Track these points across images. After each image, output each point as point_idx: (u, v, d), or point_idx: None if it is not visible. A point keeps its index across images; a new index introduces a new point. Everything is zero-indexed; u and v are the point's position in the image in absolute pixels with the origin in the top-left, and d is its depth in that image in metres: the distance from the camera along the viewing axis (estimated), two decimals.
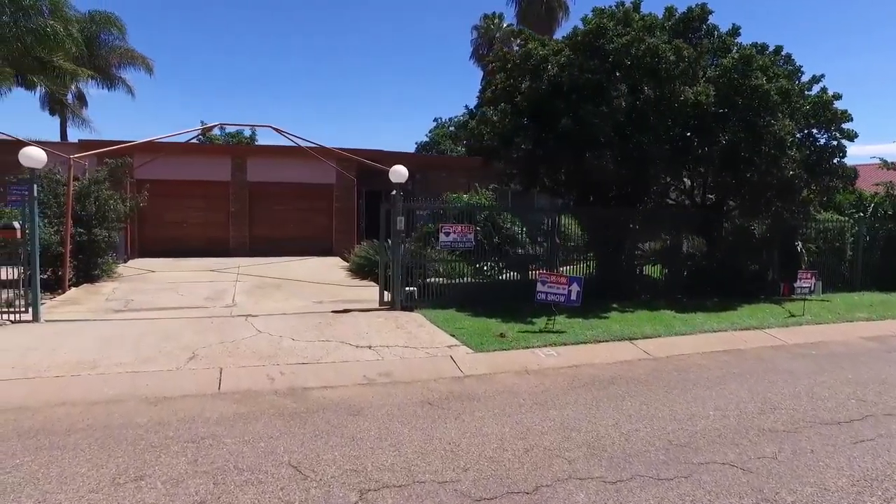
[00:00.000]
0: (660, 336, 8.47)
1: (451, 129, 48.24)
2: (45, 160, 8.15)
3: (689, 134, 10.92)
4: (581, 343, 7.92)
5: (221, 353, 6.75)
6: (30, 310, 8.10)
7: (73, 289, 10.77)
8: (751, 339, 8.55)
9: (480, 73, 37.84)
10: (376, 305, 9.72)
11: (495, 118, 10.76)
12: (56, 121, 32.11)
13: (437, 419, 5.01)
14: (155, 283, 11.90)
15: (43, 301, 9.27)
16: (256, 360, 6.50)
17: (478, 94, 37.31)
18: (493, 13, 37.58)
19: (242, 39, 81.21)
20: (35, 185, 8.04)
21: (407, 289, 9.62)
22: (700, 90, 9.87)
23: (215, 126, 12.68)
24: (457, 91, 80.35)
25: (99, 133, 30.74)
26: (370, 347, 7.24)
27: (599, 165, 9.91)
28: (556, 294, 8.47)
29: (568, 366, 7.01)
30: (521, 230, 12.09)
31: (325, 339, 7.52)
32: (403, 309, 9.51)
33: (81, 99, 32.45)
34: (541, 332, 8.34)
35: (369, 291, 11.44)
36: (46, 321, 8.12)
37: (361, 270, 13.39)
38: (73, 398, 5.26)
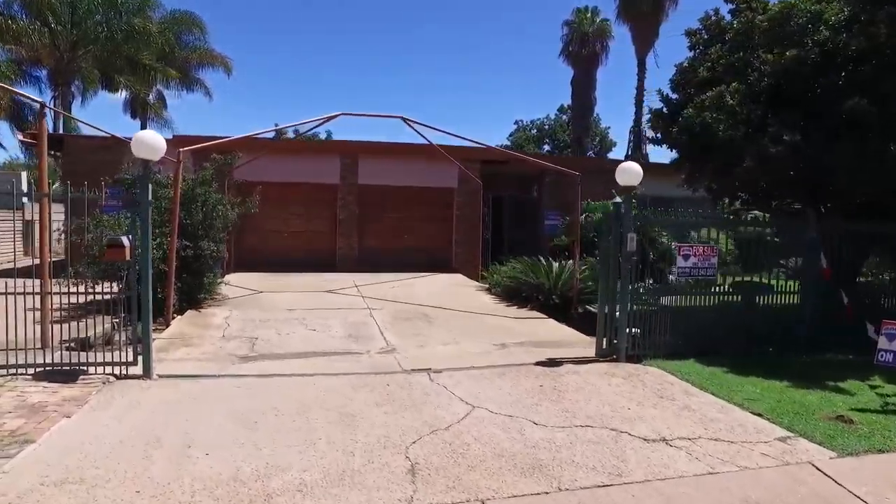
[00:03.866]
0: None
1: (534, 131, 45.45)
2: (164, 148, 5.85)
3: None
4: None
5: (448, 456, 4.13)
6: (139, 360, 5.78)
7: (178, 318, 8.52)
8: None
9: (571, 72, 34.82)
10: (586, 353, 7.01)
11: (732, 101, 7.89)
12: (136, 124, 31.18)
13: None
14: (269, 309, 9.56)
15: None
16: (520, 478, 3.84)
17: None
18: (586, 7, 34.45)
19: (314, 41, 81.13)
20: (150, 185, 5.73)
21: (632, 331, 6.86)
22: None
23: (337, 115, 10.24)
24: (537, 93, 78.24)
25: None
26: (666, 442, 4.50)
27: None
28: None
29: None
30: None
31: (580, 423, 4.83)
32: (629, 359, 6.76)
33: (161, 100, 31.48)
34: (885, 411, 5.43)
35: (546, 326, 8.81)
36: (159, 376, 5.78)
37: (514, 295, 10.70)
38: None
